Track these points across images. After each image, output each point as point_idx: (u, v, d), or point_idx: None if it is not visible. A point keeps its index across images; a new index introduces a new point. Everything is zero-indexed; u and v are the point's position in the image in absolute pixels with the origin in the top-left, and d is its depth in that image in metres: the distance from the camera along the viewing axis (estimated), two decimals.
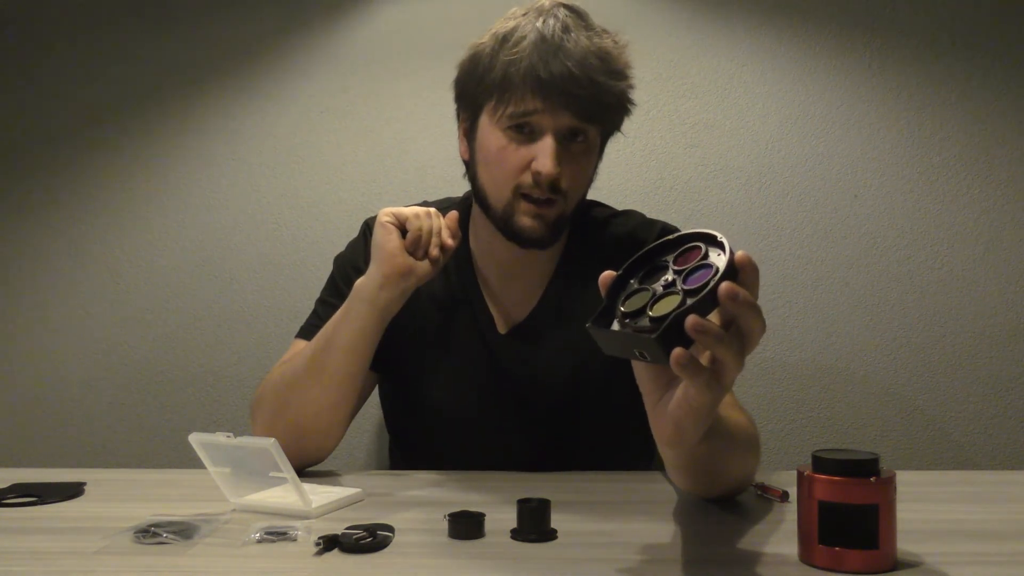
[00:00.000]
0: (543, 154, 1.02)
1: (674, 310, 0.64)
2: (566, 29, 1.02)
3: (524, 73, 1.02)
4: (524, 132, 1.05)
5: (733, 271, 0.64)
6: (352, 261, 1.21)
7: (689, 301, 0.64)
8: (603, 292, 0.71)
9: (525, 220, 1.06)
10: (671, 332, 0.63)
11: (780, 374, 1.76)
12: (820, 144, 1.77)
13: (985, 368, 1.74)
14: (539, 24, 1.03)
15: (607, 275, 0.71)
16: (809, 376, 1.76)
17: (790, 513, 0.88)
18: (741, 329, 0.64)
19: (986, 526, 0.87)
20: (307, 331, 1.17)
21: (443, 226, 1.08)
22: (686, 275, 0.67)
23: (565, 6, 1.05)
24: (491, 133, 1.07)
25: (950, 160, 1.76)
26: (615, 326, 0.69)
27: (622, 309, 0.68)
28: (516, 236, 1.08)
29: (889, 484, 0.71)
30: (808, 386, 1.76)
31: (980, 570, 0.74)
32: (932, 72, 1.76)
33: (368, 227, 1.22)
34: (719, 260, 0.66)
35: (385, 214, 1.07)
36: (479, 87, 1.08)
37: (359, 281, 1.07)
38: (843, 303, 1.76)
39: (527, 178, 1.04)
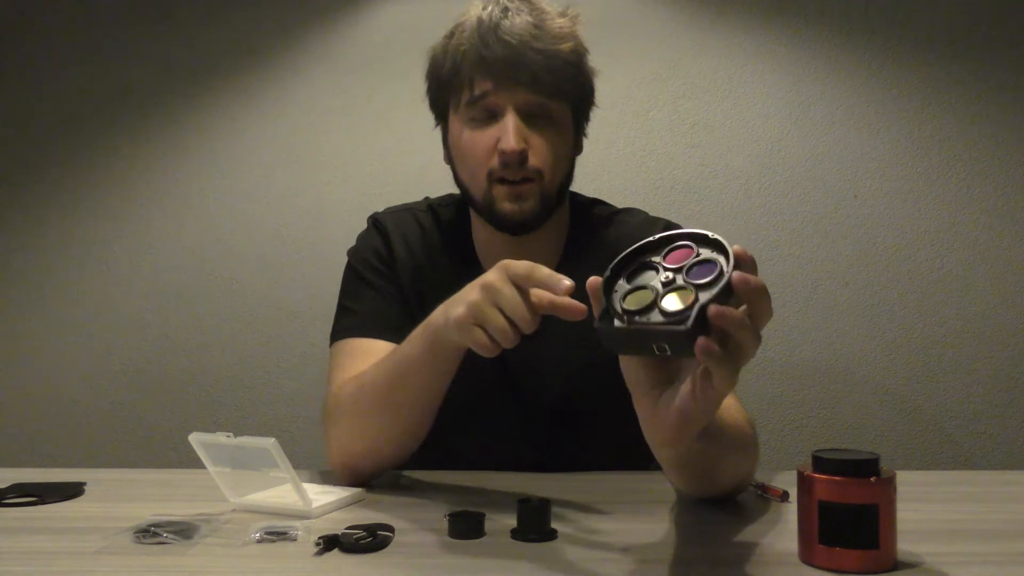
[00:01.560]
0: (504, 132, 1.04)
1: (695, 302, 0.64)
2: (505, 11, 1.05)
3: (468, 58, 1.04)
4: (486, 117, 1.06)
5: (736, 260, 0.66)
6: (372, 249, 1.19)
7: (703, 294, 0.65)
8: (594, 297, 0.70)
9: (505, 205, 1.06)
10: (698, 323, 0.63)
11: (780, 374, 1.76)
12: (820, 144, 1.77)
13: (985, 368, 1.74)
14: (479, 12, 1.05)
15: (594, 280, 0.70)
16: (809, 376, 1.76)
17: (790, 513, 0.88)
18: (752, 314, 0.66)
19: (986, 526, 0.87)
20: (349, 330, 1.13)
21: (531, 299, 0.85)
22: (687, 271, 0.68)
23: None
24: (457, 126, 1.09)
25: (950, 160, 1.76)
26: (621, 323, 0.68)
27: (625, 307, 0.68)
28: (500, 223, 1.08)
29: (889, 484, 0.71)
30: (808, 386, 1.76)
31: (980, 570, 0.74)
32: (932, 72, 1.76)
33: (376, 221, 1.22)
34: (717, 255, 0.67)
35: (456, 338, 0.89)
36: (439, 86, 1.11)
37: (435, 320, 0.96)
38: (843, 303, 1.76)
39: (496, 161, 1.05)
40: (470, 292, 0.86)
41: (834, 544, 0.71)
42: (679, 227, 1.21)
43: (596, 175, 1.77)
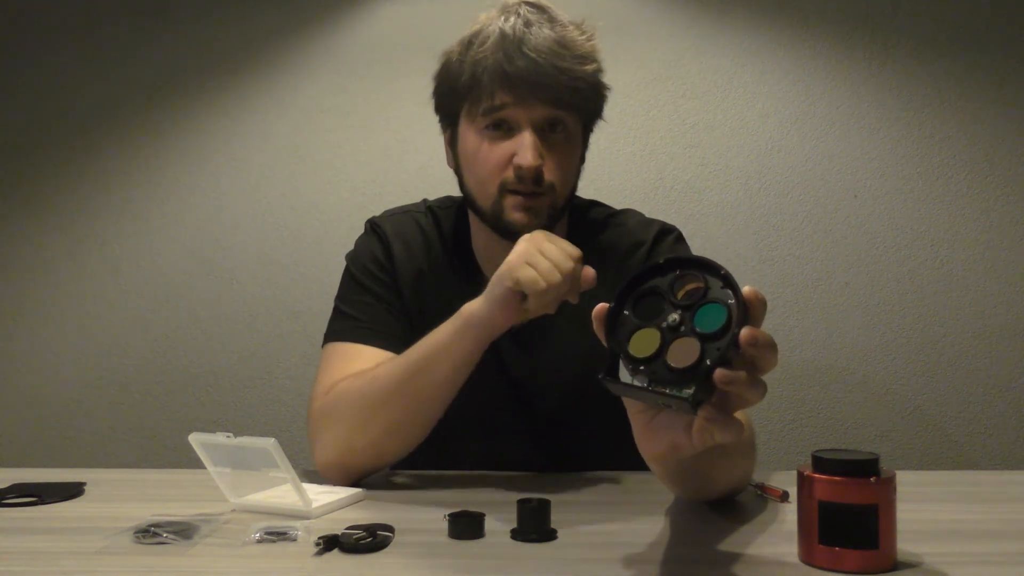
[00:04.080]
0: (522, 147, 1.03)
1: (698, 362, 0.63)
2: (528, 24, 1.04)
3: (490, 70, 1.03)
4: (501, 129, 1.06)
5: (744, 310, 0.63)
6: (370, 254, 1.19)
7: (710, 351, 0.63)
8: (599, 330, 0.69)
9: (515, 215, 1.06)
10: (703, 387, 0.62)
11: (780, 374, 1.76)
12: (820, 144, 1.77)
13: (985, 368, 1.74)
14: (501, 22, 1.04)
15: (600, 308, 0.70)
16: (809, 376, 1.76)
17: (790, 513, 0.88)
18: (758, 367, 0.65)
19: (986, 526, 0.87)
20: (343, 333, 1.14)
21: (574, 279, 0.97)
22: (693, 313, 0.65)
23: (527, 3, 1.07)
24: (470, 135, 1.08)
25: (950, 160, 1.76)
26: (626, 375, 0.66)
27: (632, 353, 0.66)
28: (508, 232, 1.08)
29: (889, 484, 0.71)
30: (808, 386, 1.76)
31: (980, 570, 0.74)
32: (932, 72, 1.76)
33: (375, 226, 1.22)
34: (724, 295, 0.65)
35: (509, 280, 0.96)
36: (452, 94, 1.10)
37: (470, 309, 1.01)
38: (843, 303, 1.76)
39: (510, 174, 1.05)
40: (515, 248, 0.98)
41: (834, 544, 0.71)
42: (675, 229, 1.21)
43: (596, 175, 1.77)
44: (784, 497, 0.95)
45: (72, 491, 1.01)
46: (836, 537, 0.71)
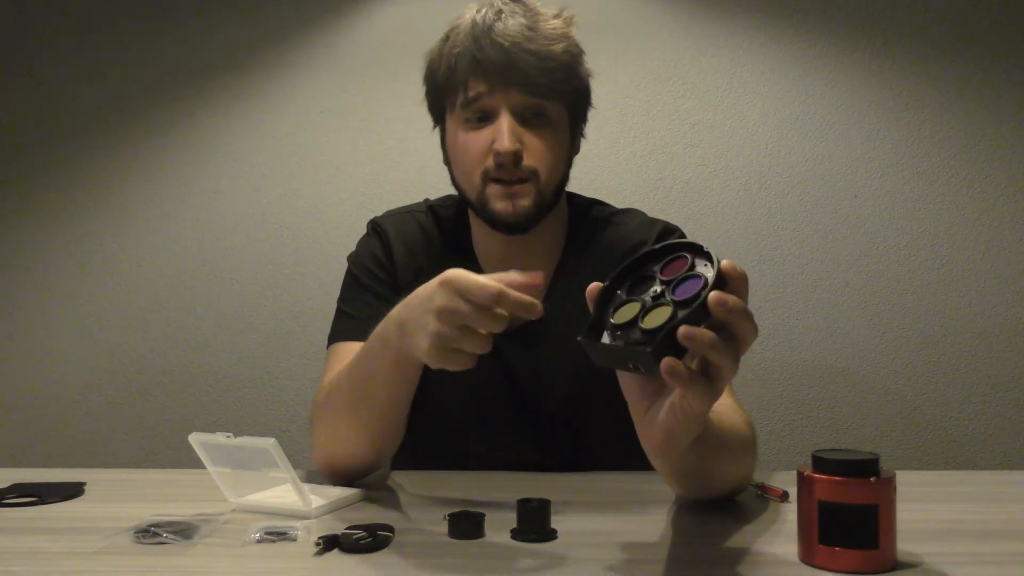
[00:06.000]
0: (499, 133, 1.05)
1: (666, 322, 0.64)
2: (499, 14, 1.05)
3: (463, 61, 1.05)
4: (481, 119, 1.07)
5: (721, 281, 0.65)
6: (371, 254, 1.19)
7: (680, 313, 0.65)
8: (591, 304, 0.71)
9: (498, 203, 1.07)
10: (664, 344, 0.63)
11: (780, 374, 1.76)
12: (820, 144, 1.77)
13: (985, 368, 1.74)
14: (473, 14, 1.07)
15: (594, 287, 0.71)
16: (809, 376, 1.76)
17: (790, 513, 0.88)
18: (733, 335, 0.65)
19: (986, 526, 0.87)
20: (344, 333, 1.14)
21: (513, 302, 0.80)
22: (675, 286, 0.68)
23: None
24: (453, 128, 1.10)
25: (950, 160, 1.76)
26: (606, 339, 0.69)
27: (612, 321, 0.69)
28: (494, 222, 1.09)
29: (889, 484, 0.71)
30: (808, 386, 1.76)
31: (980, 570, 0.74)
32: (932, 72, 1.76)
33: (376, 226, 1.22)
34: (707, 271, 0.67)
35: (423, 357, 0.85)
36: (436, 90, 1.12)
37: (392, 338, 0.93)
38: (843, 303, 1.76)
39: (490, 162, 1.06)
40: (427, 321, 0.82)
41: (834, 544, 0.71)
42: (677, 229, 1.22)
43: (596, 175, 1.77)
44: (784, 497, 0.95)
45: (72, 491, 1.01)
46: (836, 537, 0.71)
